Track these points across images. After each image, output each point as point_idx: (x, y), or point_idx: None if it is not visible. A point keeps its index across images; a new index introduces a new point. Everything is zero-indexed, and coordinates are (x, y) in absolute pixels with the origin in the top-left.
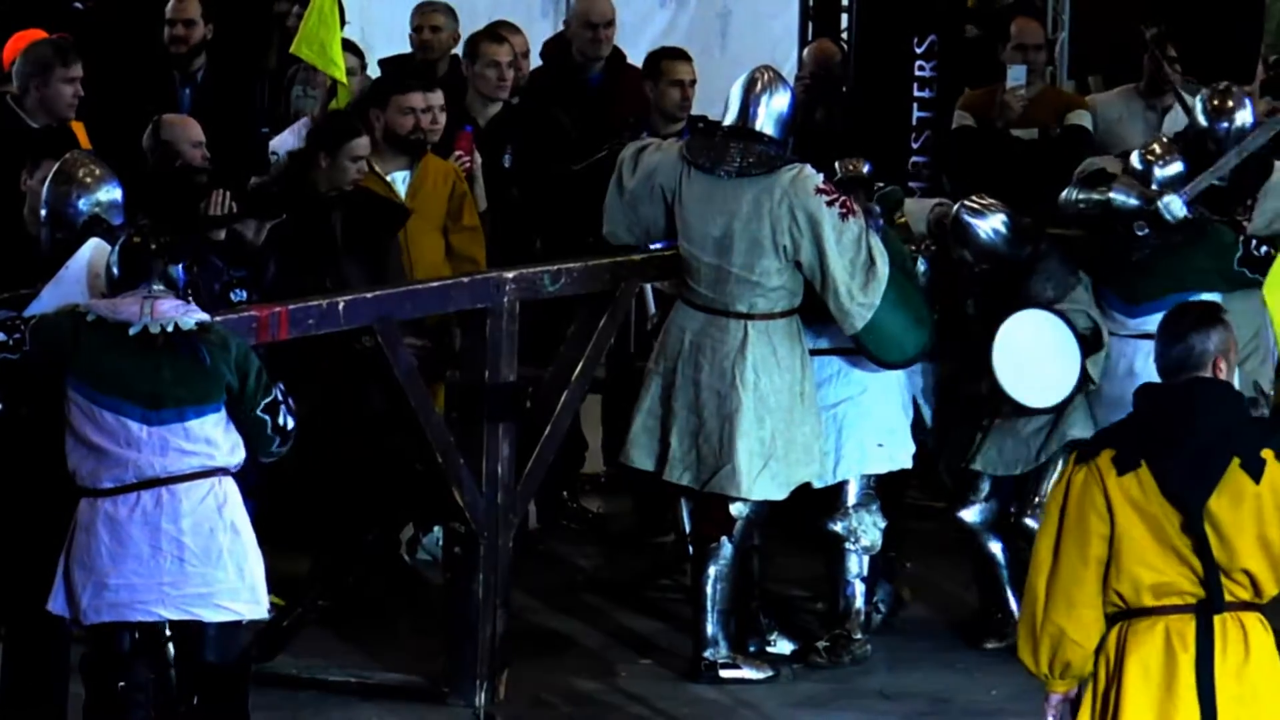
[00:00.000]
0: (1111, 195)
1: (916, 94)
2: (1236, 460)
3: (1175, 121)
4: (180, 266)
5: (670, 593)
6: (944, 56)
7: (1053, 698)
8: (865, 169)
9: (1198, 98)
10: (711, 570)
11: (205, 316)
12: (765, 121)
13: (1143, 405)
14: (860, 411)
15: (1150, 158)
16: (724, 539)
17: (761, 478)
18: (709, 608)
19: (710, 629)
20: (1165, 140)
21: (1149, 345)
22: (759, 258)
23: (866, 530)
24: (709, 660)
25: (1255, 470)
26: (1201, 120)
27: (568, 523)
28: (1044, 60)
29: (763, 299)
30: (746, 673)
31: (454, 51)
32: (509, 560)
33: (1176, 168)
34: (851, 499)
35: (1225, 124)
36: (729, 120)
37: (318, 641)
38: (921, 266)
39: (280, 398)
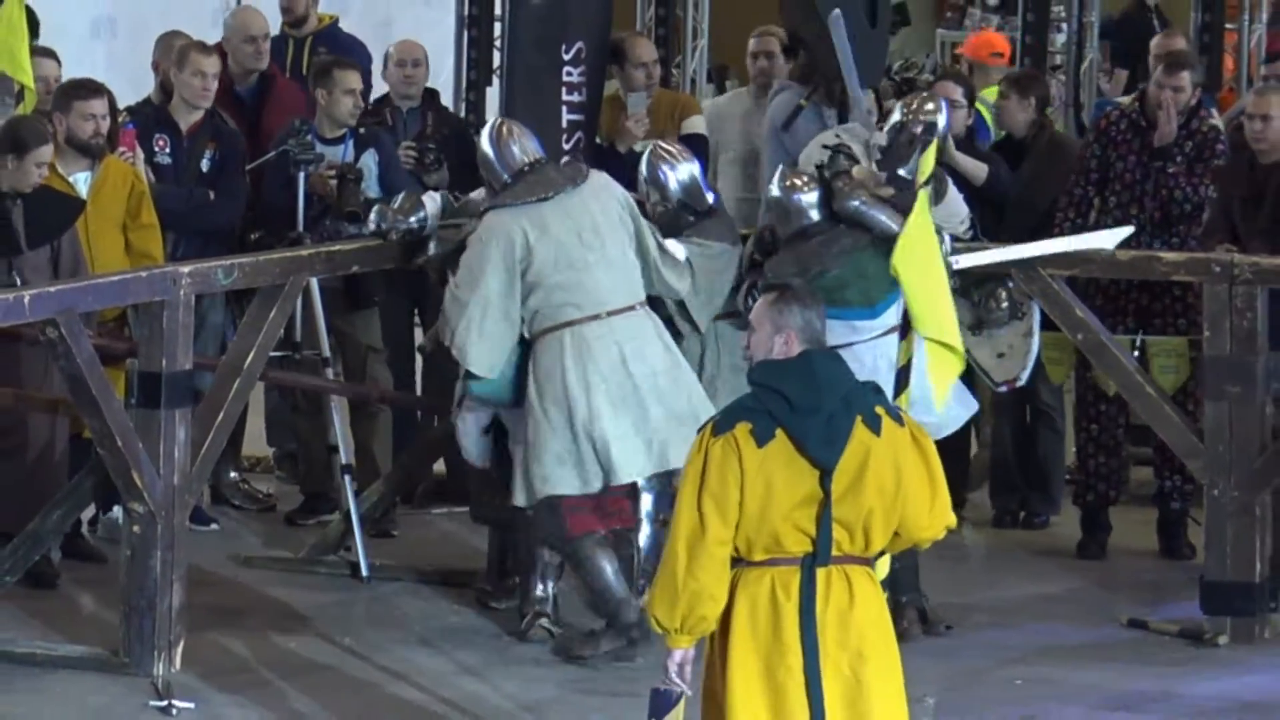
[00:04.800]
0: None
1: (565, 98)
2: (859, 418)
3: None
4: None
5: (337, 569)
6: (591, 62)
7: (676, 654)
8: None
9: (899, 101)
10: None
11: None
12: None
13: (768, 381)
14: None
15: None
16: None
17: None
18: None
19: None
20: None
21: (893, 338)
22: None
23: None
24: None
25: (875, 425)
26: (897, 116)
27: (239, 503)
28: (660, 73)
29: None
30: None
31: None
32: (185, 538)
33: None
34: None
35: (920, 126)
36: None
37: (5, 616)
38: None
39: None
